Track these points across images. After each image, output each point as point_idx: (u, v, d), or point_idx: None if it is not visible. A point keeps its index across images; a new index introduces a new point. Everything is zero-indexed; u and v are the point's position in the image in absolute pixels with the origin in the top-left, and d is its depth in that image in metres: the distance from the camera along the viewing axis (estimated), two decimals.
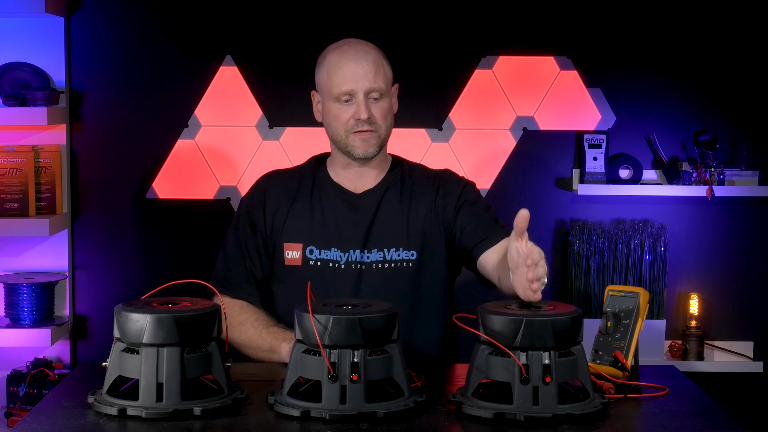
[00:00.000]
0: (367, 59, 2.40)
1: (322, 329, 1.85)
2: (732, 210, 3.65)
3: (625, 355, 2.11)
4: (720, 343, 3.67)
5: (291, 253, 2.44)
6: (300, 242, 2.43)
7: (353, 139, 2.40)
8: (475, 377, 1.92)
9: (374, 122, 2.39)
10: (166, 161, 3.59)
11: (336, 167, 2.50)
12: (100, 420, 1.85)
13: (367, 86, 2.38)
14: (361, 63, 2.39)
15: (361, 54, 2.41)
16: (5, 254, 3.57)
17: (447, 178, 2.52)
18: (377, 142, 2.41)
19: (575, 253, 3.56)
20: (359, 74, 2.38)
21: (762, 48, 3.62)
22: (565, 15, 3.60)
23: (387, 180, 2.49)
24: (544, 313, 1.90)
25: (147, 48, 3.58)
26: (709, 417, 1.90)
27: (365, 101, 2.38)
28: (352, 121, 2.39)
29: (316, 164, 2.54)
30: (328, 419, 1.82)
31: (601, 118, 3.61)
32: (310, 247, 2.43)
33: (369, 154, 2.41)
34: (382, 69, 2.42)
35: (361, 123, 2.38)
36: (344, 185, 2.47)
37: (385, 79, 2.41)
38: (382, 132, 2.42)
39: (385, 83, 2.41)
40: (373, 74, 2.38)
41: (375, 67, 2.39)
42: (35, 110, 3.30)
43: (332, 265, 2.41)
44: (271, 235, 2.48)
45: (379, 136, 2.41)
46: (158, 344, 1.87)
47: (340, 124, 2.40)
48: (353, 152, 2.41)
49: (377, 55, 2.43)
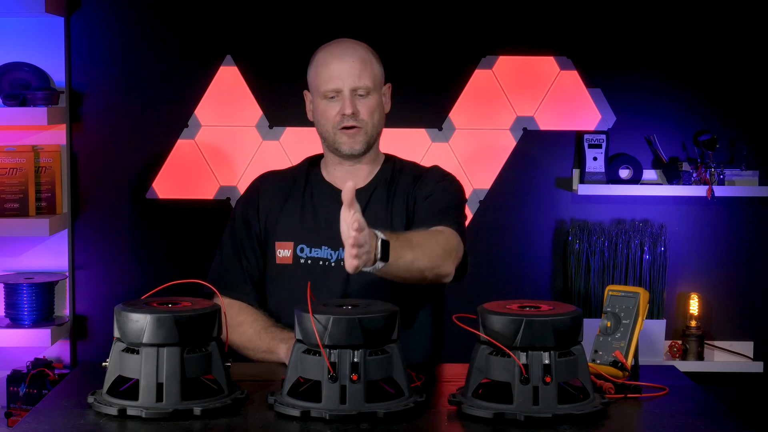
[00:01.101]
0: (354, 57, 2.42)
1: (322, 329, 1.85)
2: (732, 210, 3.65)
3: (625, 355, 2.11)
4: (720, 343, 3.67)
5: (282, 251, 2.45)
6: (291, 240, 2.44)
7: (340, 135, 2.42)
8: (475, 377, 1.92)
9: (359, 118, 2.40)
10: (166, 161, 3.59)
11: (328, 166, 2.51)
12: (100, 420, 1.85)
13: (352, 83, 2.40)
14: (347, 60, 2.41)
15: (348, 52, 2.43)
16: (5, 254, 3.57)
17: (429, 172, 2.52)
18: (364, 139, 2.42)
19: (575, 253, 3.56)
20: (345, 71, 2.40)
21: (762, 48, 3.62)
22: (565, 15, 3.60)
23: (377, 178, 2.50)
24: (544, 313, 1.90)
25: (147, 48, 3.58)
26: (709, 417, 1.90)
27: (351, 97, 2.40)
28: (338, 117, 2.41)
29: (310, 164, 2.55)
30: (328, 419, 1.82)
31: (601, 118, 3.61)
32: (301, 245, 2.43)
33: (355, 151, 2.42)
34: (369, 67, 2.43)
35: (347, 119, 2.40)
36: (336, 184, 2.48)
37: (372, 76, 2.42)
38: (369, 129, 2.43)
39: (371, 81, 2.42)
40: (359, 72, 2.40)
41: (361, 65, 2.41)
42: (35, 110, 3.30)
43: (322, 263, 2.42)
44: (264, 235, 2.49)
45: (366, 132, 2.42)
46: (158, 344, 1.87)
47: (327, 120, 2.43)
48: (340, 149, 2.43)
49: (365, 53, 2.44)
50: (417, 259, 2.18)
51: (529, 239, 3.64)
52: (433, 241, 2.26)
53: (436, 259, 2.24)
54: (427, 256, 2.21)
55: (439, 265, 2.25)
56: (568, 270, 3.60)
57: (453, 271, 2.30)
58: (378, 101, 2.45)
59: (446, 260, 2.27)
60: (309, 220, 2.45)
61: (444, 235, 2.30)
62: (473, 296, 3.42)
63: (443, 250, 2.27)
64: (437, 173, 2.52)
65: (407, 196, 2.47)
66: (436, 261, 2.24)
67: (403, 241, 2.15)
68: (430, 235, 2.27)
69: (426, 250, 2.21)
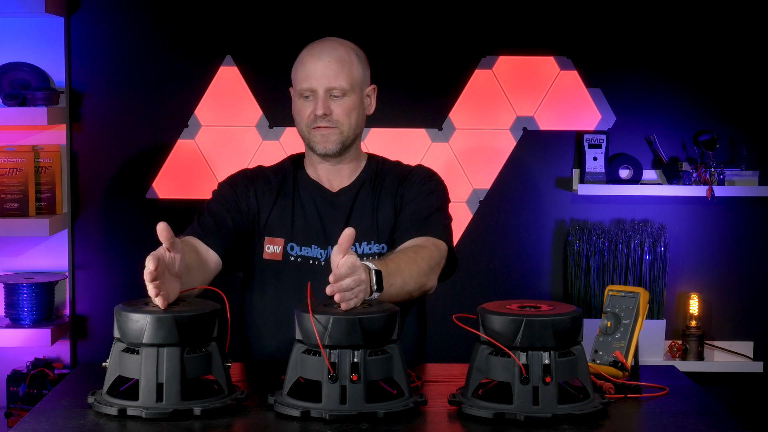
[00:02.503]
0: (331, 56, 2.40)
1: (322, 329, 1.85)
2: (732, 210, 3.65)
3: (625, 355, 2.11)
4: (720, 343, 3.67)
5: (271, 247, 2.44)
6: (281, 237, 2.43)
7: (313, 134, 2.42)
8: (475, 377, 1.92)
9: (333, 119, 2.40)
10: (166, 161, 3.59)
11: (311, 165, 2.51)
12: (100, 420, 1.85)
13: (327, 84, 2.39)
14: (323, 60, 2.40)
15: (326, 51, 2.41)
16: (5, 254, 3.57)
17: (414, 171, 2.52)
18: (338, 139, 2.41)
19: (575, 253, 3.57)
20: (320, 71, 2.39)
21: (762, 48, 3.62)
22: (565, 15, 3.60)
23: (362, 177, 2.50)
24: (544, 313, 1.90)
25: (147, 48, 3.58)
26: (709, 417, 1.90)
27: (324, 98, 2.39)
28: (311, 116, 2.41)
29: (294, 163, 2.54)
30: (328, 419, 1.82)
31: (601, 118, 3.61)
32: (291, 243, 2.43)
33: (329, 150, 2.42)
34: (347, 67, 2.41)
35: (319, 119, 2.40)
36: (321, 182, 2.48)
37: (349, 78, 2.40)
38: (345, 129, 2.42)
39: (348, 82, 2.40)
40: (335, 72, 2.39)
41: (338, 65, 2.40)
42: (35, 110, 3.30)
43: (312, 262, 2.42)
44: (253, 221, 2.45)
45: (341, 132, 2.41)
46: (158, 344, 1.87)
47: (302, 119, 2.43)
48: (314, 148, 2.43)
49: (345, 54, 2.42)
50: (406, 283, 2.22)
51: (529, 239, 3.64)
52: (418, 259, 2.29)
53: (422, 278, 2.28)
54: (414, 277, 2.25)
55: (425, 283, 2.29)
56: (568, 270, 3.60)
57: (436, 283, 2.35)
58: (355, 102, 2.42)
59: (430, 276, 2.31)
60: (299, 219, 2.45)
61: (427, 251, 2.32)
62: (473, 296, 3.45)
63: (428, 267, 2.30)
64: (422, 173, 2.52)
65: (394, 195, 2.47)
66: (422, 279, 2.28)
67: (392, 269, 2.17)
68: (415, 254, 2.29)
69: (413, 272, 2.25)
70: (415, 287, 2.26)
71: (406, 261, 2.25)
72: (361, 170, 2.51)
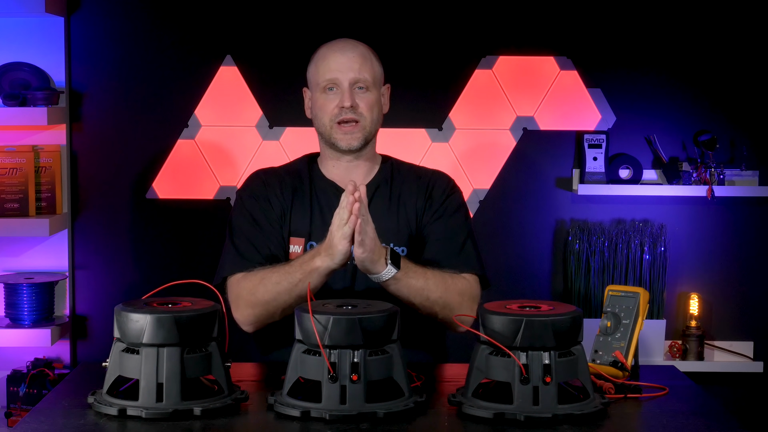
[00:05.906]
0: (354, 52, 2.44)
1: (322, 329, 1.85)
2: (732, 210, 3.65)
3: (625, 355, 2.11)
4: (720, 343, 3.67)
5: (294, 247, 2.44)
6: (302, 237, 2.43)
7: (336, 130, 2.41)
8: (475, 377, 1.92)
9: (358, 111, 2.40)
10: (166, 161, 3.59)
11: (327, 164, 2.50)
12: (100, 420, 1.85)
13: (351, 76, 2.40)
14: (347, 54, 2.42)
15: (348, 47, 2.45)
16: (5, 254, 3.57)
17: (437, 181, 2.52)
18: (361, 135, 2.42)
19: (575, 253, 3.56)
20: (344, 64, 2.41)
21: (762, 48, 3.62)
22: (565, 15, 3.60)
23: (378, 177, 2.49)
24: (544, 313, 1.90)
25: (147, 48, 3.58)
26: (709, 417, 1.90)
27: (350, 90, 2.40)
28: (336, 109, 2.40)
29: (308, 162, 2.54)
30: (328, 419, 1.82)
31: (601, 118, 3.61)
32: (311, 242, 2.43)
33: (353, 146, 2.42)
34: (369, 62, 2.44)
35: (345, 111, 2.39)
36: (336, 181, 2.48)
37: (371, 72, 2.43)
38: (367, 124, 2.42)
39: (371, 76, 2.43)
40: (359, 65, 2.41)
41: (361, 59, 2.42)
42: (35, 110, 3.30)
43: None
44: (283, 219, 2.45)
45: (363, 127, 2.42)
46: (158, 344, 1.87)
47: (325, 113, 2.42)
48: (337, 144, 2.42)
49: (365, 50, 2.46)
50: (429, 290, 2.24)
51: (529, 239, 3.64)
52: (448, 280, 2.31)
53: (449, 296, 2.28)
54: (440, 290, 2.26)
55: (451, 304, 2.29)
56: (568, 270, 3.60)
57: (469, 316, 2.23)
58: (376, 98, 2.45)
59: (462, 303, 2.30)
60: (317, 218, 2.45)
61: (464, 282, 2.35)
62: None
63: (458, 292, 2.31)
64: (443, 183, 2.52)
65: (415, 208, 2.46)
66: (448, 298, 2.28)
67: (416, 270, 2.22)
68: (450, 277, 2.32)
69: (439, 285, 2.27)
70: (439, 300, 2.27)
71: (434, 273, 2.29)
72: (377, 171, 2.50)
